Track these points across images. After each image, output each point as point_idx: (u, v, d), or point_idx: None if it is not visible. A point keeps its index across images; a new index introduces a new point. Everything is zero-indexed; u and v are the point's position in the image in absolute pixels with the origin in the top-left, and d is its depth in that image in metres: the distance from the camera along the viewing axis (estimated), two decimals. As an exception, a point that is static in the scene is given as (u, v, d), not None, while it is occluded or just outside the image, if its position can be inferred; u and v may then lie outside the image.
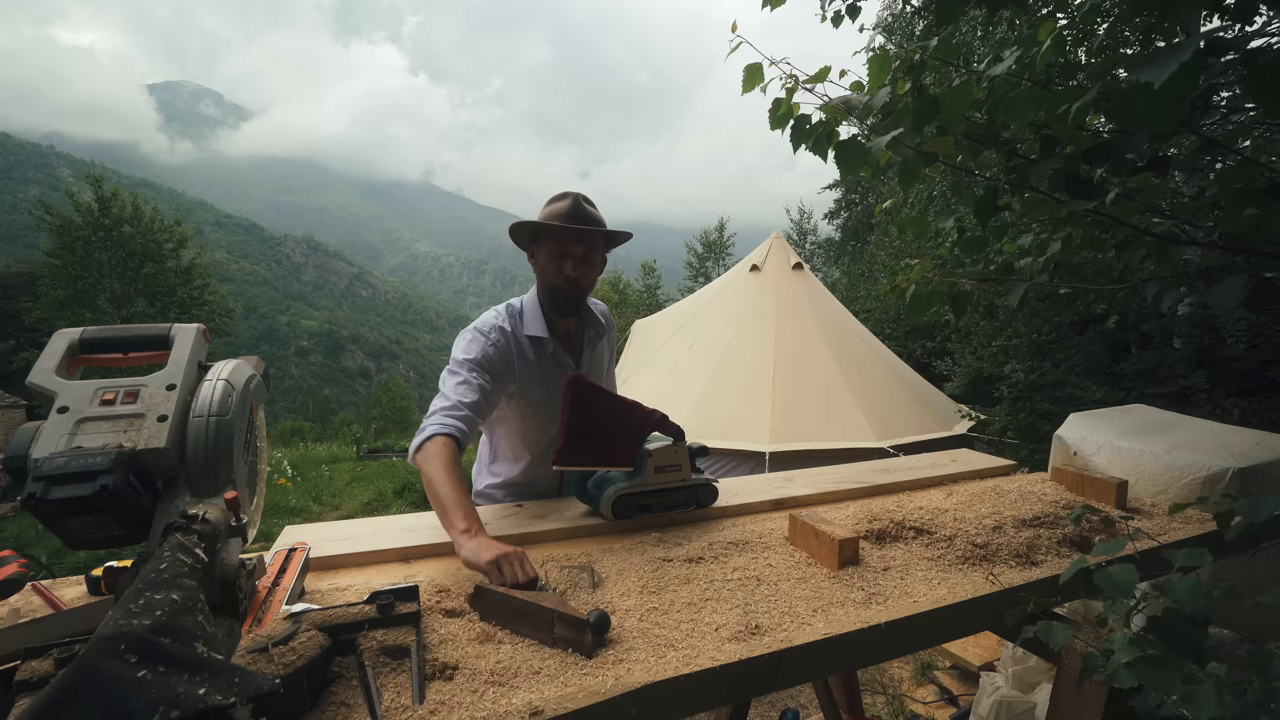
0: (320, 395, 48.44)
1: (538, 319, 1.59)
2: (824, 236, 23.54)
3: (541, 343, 1.59)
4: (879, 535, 1.27)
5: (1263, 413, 5.37)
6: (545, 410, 1.59)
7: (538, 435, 1.63)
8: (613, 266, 31.97)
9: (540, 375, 1.58)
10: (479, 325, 1.56)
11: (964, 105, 1.15)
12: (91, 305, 22.01)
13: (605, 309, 1.81)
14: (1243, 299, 1.01)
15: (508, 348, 1.54)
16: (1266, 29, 1.24)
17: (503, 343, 1.54)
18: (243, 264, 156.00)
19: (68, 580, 1.04)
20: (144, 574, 0.55)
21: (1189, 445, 1.67)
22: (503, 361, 1.52)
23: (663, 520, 1.38)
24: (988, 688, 2.03)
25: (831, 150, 1.35)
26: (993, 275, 1.57)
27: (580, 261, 1.53)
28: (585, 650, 0.84)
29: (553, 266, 1.53)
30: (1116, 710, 0.89)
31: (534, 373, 1.57)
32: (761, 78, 1.36)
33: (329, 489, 9.02)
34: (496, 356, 1.51)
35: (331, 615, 0.83)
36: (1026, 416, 5.81)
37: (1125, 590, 0.86)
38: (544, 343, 1.59)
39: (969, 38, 6.27)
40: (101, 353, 0.85)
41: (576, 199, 1.52)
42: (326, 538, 1.26)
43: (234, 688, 0.45)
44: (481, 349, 1.51)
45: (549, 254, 1.54)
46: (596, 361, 1.74)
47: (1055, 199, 1.24)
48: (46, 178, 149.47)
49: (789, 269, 6.59)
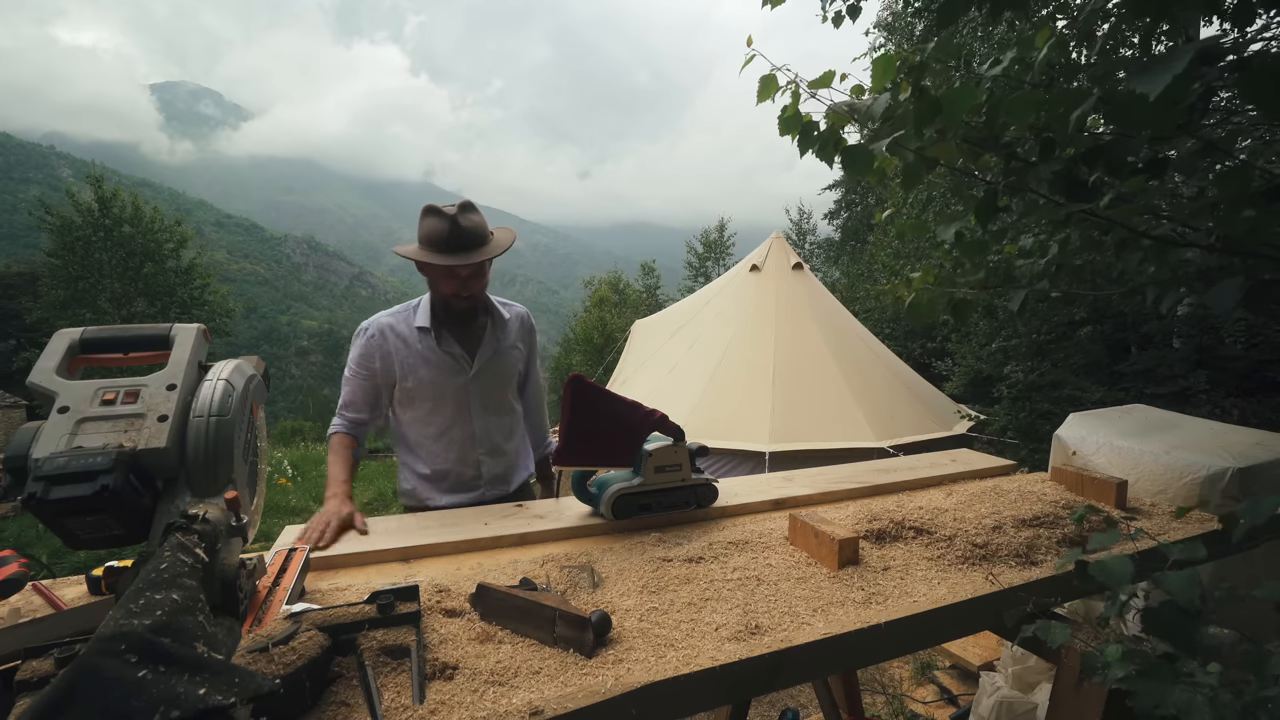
0: (320, 395, 48.46)
1: (426, 311, 1.71)
2: (824, 237, 23.55)
3: (427, 332, 1.70)
4: (879, 535, 1.28)
5: (1263, 413, 5.37)
6: (428, 396, 1.70)
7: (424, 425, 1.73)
8: (612, 266, 31.93)
9: (423, 360, 1.69)
10: (364, 324, 1.74)
11: (966, 107, 1.15)
12: (92, 305, 22.00)
13: (522, 311, 1.86)
14: (1240, 299, 1.01)
15: (382, 341, 1.69)
16: (1263, 34, 1.24)
17: (377, 338, 1.70)
18: (243, 264, 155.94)
19: (68, 580, 1.04)
20: (144, 574, 0.55)
21: (1189, 445, 1.66)
22: (377, 355, 1.69)
23: (663, 520, 1.38)
24: (988, 688, 2.03)
25: (838, 155, 1.35)
26: (993, 282, 1.57)
27: (468, 280, 1.61)
28: (585, 650, 0.84)
29: (442, 285, 1.64)
30: (1116, 710, 0.89)
31: (416, 359, 1.69)
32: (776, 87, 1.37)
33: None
34: (369, 352, 1.69)
35: (331, 615, 0.83)
36: (1026, 416, 5.81)
37: (1120, 581, 0.86)
38: (428, 331, 1.69)
39: (969, 40, 6.28)
40: (102, 353, 0.85)
41: (453, 220, 1.55)
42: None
43: (234, 688, 0.45)
44: (357, 349, 1.71)
45: (434, 274, 1.62)
46: (501, 357, 1.78)
47: (1055, 201, 1.24)
48: (47, 178, 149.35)
49: (789, 269, 6.59)
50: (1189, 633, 0.78)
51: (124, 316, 22.10)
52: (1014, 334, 6.38)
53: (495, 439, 1.76)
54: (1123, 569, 0.88)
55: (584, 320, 24.55)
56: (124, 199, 23.78)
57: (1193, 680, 0.73)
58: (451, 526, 1.35)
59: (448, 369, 1.69)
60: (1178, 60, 0.78)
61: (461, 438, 1.73)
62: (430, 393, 1.69)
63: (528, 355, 1.88)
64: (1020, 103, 1.11)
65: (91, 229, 22.83)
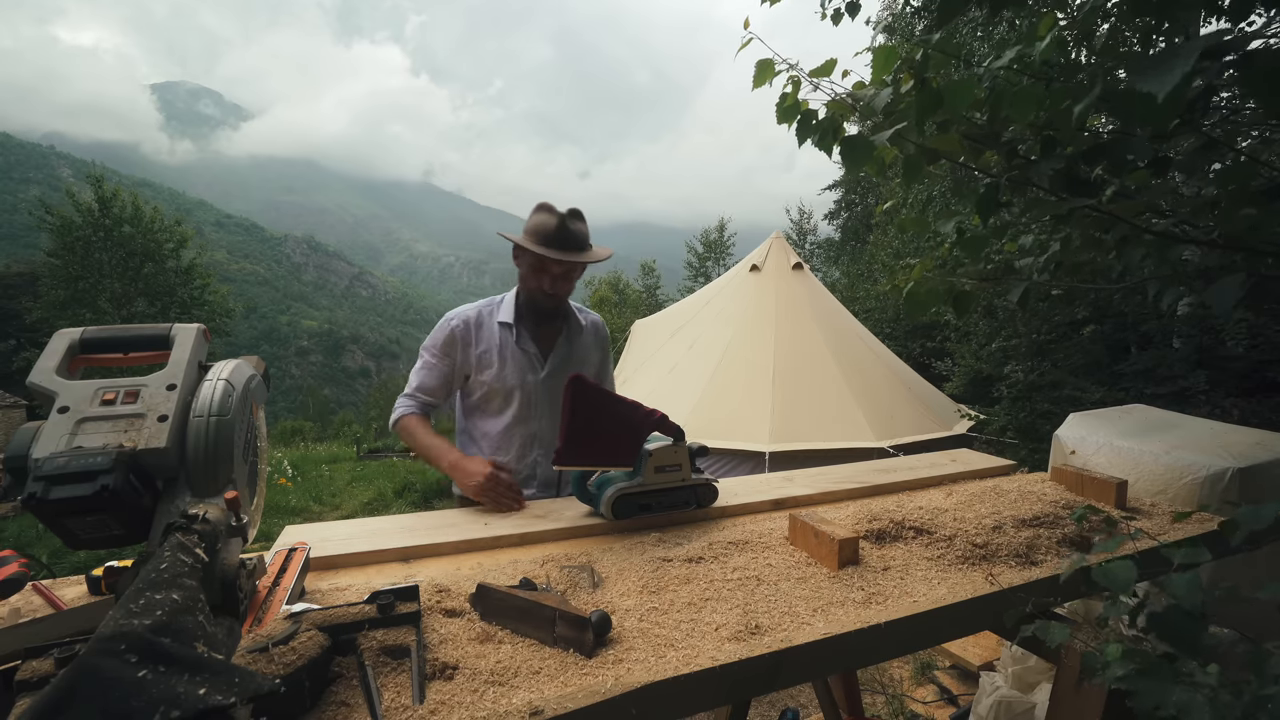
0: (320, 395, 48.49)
1: (510, 307, 1.76)
2: (824, 236, 23.55)
3: (508, 327, 1.74)
4: (879, 535, 1.27)
5: (1262, 413, 5.37)
6: (500, 390, 1.73)
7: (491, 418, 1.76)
8: (612, 266, 31.92)
9: (501, 355, 1.73)
10: (448, 314, 1.78)
11: (967, 99, 1.15)
12: (92, 305, 22.00)
13: (597, 320, 1.90)
14: (1241, 297, 1.01)
15: (466, 331, 1.74)
16: (1265, 30, 1.24)
17: (461, 327, 1.74)
18: (243, 264, 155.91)
19: (68, 580, 1.04)
20: (144, 574, 0.55)
21: (1189, 445, 1.66)
22: (460, 343, 1.73)
23: (663, 520, 1.38)
24: (987, 688, 2.03)
25: (837, 146, 1.35)
26: (993, 275, 1.57)
27: (558, 279, 1.66)
28: (585, 650, 0.84)
29: (532, 279, 1.67)
30: (1116, 710, 0.89)
31: (495, 352, 1.73)
32: (772, 73, 1.37)
33: (329, 489, 9.01)
34: (451, 341, 1.73)
35: (331, 615, 0.83)
36: (1026, 416, 5.80)
37: (1124, 586, 0.86)
38: (509, 328, 1.74)
39: (969, 39, 6.28)
40: (102, 353, 0.85)
41: (563, 220, 1.61)
42: (326, 538, 1.26)
43: (234, 688, 0.45)
44: (442, 335, 1.74)
45: (530, 266, 1.66)
46: (574, 359, 1.81)
47: (1057, 196, 1.24)
48: (47, 178, 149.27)
49: (789, 269, 6.59)
50: (1193, 635, 0.78)
51: (124, 316, 22.10)
52: (1014, 334, 6.38)
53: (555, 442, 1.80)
54: (1126, 574, 0.88)
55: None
56: (124, 199, 23.77)
57: (1192, 680, 0.73)
58: (451, 526, 1.35)
59: (522, 366, 1.73)
60: (1185, 58, 0.77)
61: (524, 436, 1.75)
62: (502, 387, 1.73)
63: (600, 362, 1.91)
64: (1023, 97, 1.10)
65: (91, 229, 22.82)
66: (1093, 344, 6.23)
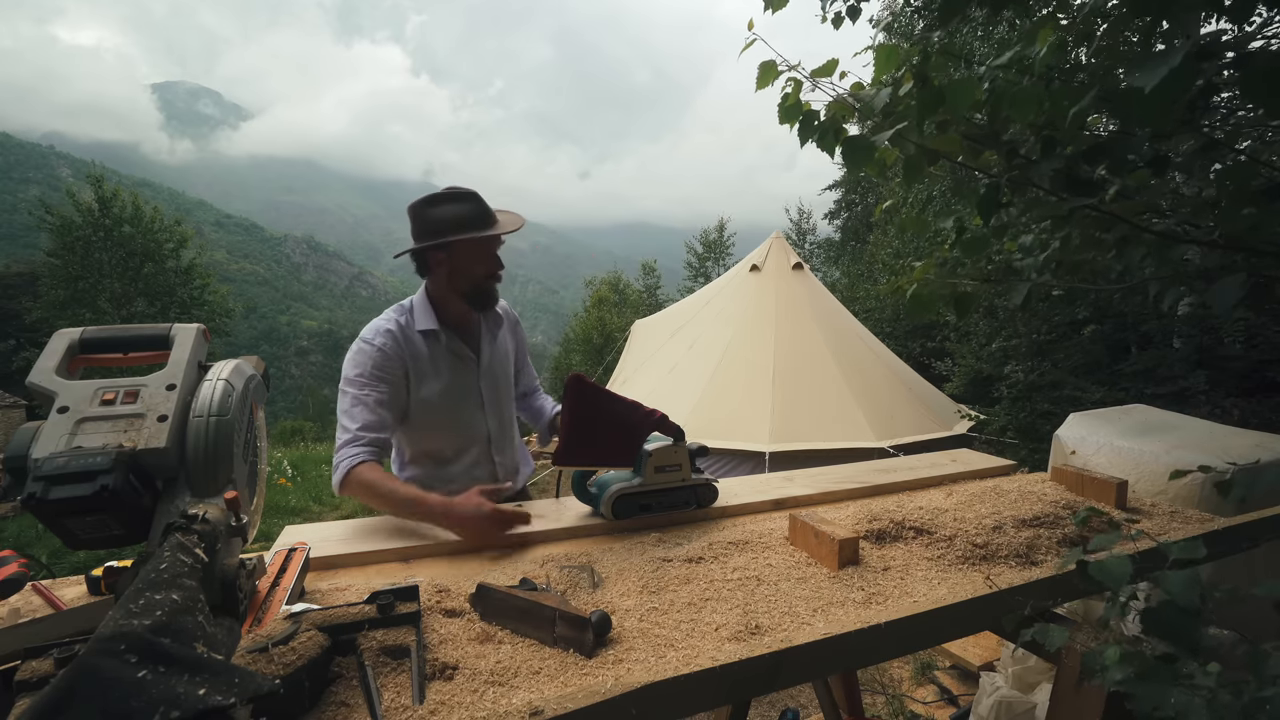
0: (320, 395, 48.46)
1: (428, 314, 1.59)
2: (824, 236, 23.54)
3: (434, 335, 1.59)
4: (879, 535, 1.27)
5: (1262, 413, 5.37)
6: (443, 407, 1.60)
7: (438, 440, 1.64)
8: (612, 266, 31.90)
9: (434, 368, 1.59)
10: (364, 335, 1.56)
11: (968, 98, 1.15)
12: (92, 305, 22.01)
13: (504, 304, 1.80)
14: (1241, 297, 1.01)
15: (397, 348, 1.53)
16: (1264, 30, 1.24)
17: (390, 345, 1.53)
18: (243, 264, 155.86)
19: (68, 580, 1.04)
20: (144, 574, 0.55)
21: (1189, 445, 1.66)
22: (395, 364, 1.53)
23: (663, 520, 1.38)
24: (988, 688, 2.03)
25: (839, 146, 1.35)
26: (994, 276, 1.57)
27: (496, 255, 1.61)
28: (585, 650, 0.84)
29: (479, 266, 1.57)
30: (1116, 711, 0.89)
31: (427, 367, 1.58)
32: (775, 75, 1.37)
33: (329, 489, 9.01)
34: (385, 362, 1.51)
35: (331, 615, 0.83)
36: (1026, 416, 5.80)
37: (1120, 581, 0.86)
38: (436, 334, 1.59)
39: (969, 39, 6.27)
40: (101, 353, 0.85)
41: (475, 198, 1.55)
42: (326, 538, 1.26)
43: (234, 688, 0.45)
44: (369, 359, 1.51)
45: (471, 256, 1.55)
46: (500, 352, 1.75)
47: (1057, 197, 1.24)
48: (47, 178, 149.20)
49: (789, 269, 6.59)
50: (1189, 633, 0.78)
51: (124, 316, 22.10)
52: (1014, 334, 6.38)
53: (507, 433, 1.76)
54: (1122, 569, 0.87)
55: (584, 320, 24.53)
56: (124, 199, 23.79)
57: (1191, 682, 0.73)
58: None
59: (459, 370, 1.63)
60: (1174, 55, 0.78)
61: (481, 442, 1.69)
62: (449, 398, 1.60)
63: (518, 344, 1.86)
64: (1023, 97, 1.11)
65: (91, 229, 22.85)
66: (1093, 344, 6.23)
